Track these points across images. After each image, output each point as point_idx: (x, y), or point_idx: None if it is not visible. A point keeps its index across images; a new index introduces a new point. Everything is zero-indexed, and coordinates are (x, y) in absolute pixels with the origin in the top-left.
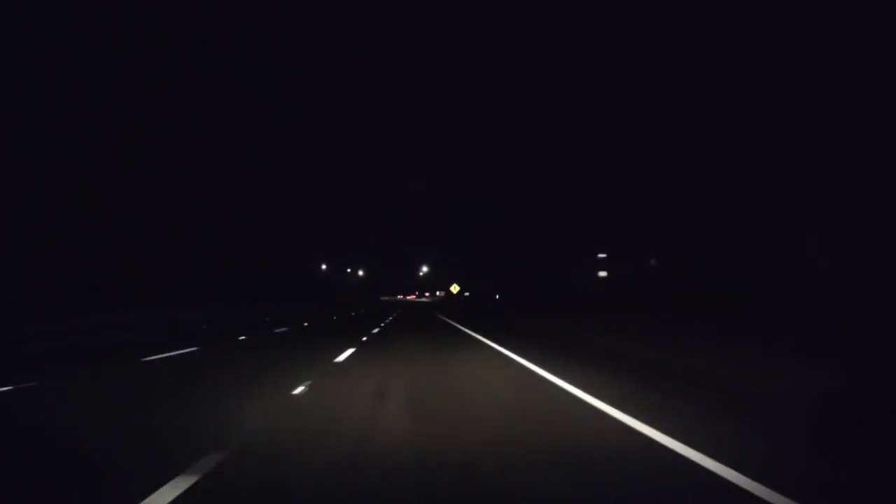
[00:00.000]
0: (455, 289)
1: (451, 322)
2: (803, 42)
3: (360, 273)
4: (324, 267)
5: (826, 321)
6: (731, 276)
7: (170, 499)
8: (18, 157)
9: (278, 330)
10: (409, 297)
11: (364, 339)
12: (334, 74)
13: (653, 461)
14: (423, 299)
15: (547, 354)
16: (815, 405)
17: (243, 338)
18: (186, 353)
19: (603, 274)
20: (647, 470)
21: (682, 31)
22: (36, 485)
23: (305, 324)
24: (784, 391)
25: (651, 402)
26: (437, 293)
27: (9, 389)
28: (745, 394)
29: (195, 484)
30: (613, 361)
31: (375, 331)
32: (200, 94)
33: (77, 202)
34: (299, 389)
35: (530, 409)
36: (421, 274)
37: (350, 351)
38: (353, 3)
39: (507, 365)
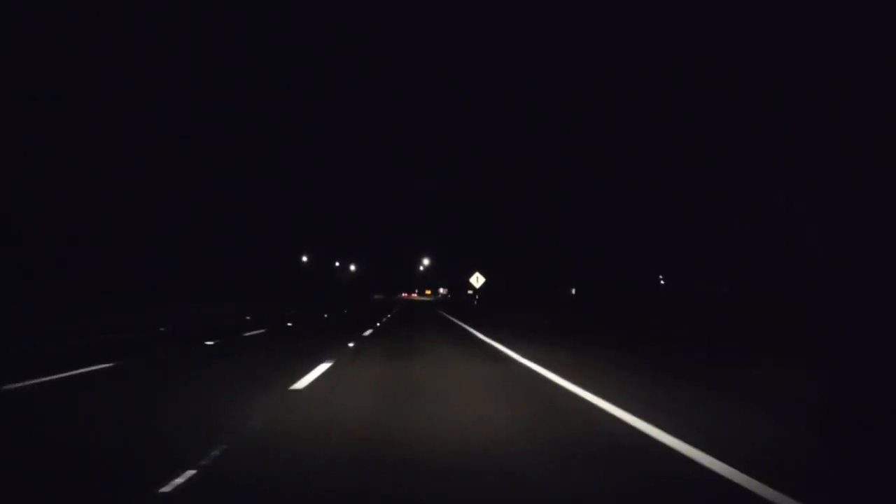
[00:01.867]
0: (478, 281)
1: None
2: (803, 42)
3: (353, 268)
4: (304, 259)
5: (827, 322)
6: (731, 276)
7: None
8: (18, 157)
9: (209, 343)
10: (412, 296)
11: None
12: (334, 74)
13: None
14: (424, 298)
15: None
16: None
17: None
18: None
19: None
20: None
21: (681, 31)
22: None
23: (263, 329)
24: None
25: None
26: (441, 291)
27: None
28: None
29: None
30: None
31: (368, 333)
32: (200, 93)
33: (76, 202)
34: None
35: None
36: (421, 269)
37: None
38: (353, 3)
39: None
